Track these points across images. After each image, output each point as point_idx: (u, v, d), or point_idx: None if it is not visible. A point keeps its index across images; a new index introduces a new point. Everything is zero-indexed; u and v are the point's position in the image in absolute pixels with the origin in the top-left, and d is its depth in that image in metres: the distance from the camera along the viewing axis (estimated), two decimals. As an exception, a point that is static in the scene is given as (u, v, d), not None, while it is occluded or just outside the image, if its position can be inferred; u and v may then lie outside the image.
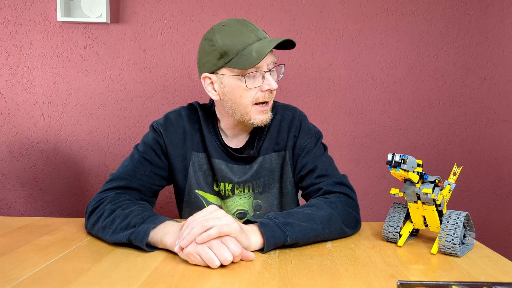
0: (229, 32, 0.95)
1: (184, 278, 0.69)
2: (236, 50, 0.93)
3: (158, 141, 1.06)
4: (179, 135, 1.07)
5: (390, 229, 0.88)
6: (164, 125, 1.07)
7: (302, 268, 0.74)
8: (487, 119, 1.86)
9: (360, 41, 1.83)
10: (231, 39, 0.94)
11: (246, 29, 0.95)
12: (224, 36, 0.94)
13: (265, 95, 0.98)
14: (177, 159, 1.07)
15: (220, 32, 0.95)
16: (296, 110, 1.12)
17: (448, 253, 0.81)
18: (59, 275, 0.70)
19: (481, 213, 1.90)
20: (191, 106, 1.12)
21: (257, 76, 0.96)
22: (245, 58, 0.92)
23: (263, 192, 1.09)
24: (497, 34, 1.82)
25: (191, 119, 1.09)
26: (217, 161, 1.07)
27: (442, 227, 0.82)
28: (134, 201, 0.94)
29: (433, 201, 0.82)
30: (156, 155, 1.06)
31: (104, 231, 0.87)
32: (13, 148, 1.89)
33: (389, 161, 0.78)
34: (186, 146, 1.08)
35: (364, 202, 1.90)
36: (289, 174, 1.09)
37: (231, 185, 1.08)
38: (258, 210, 1.10)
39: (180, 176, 1.08)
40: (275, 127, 1.08)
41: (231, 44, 0.93)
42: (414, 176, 0.79)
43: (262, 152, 1.08)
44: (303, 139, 1.08)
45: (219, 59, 0.95)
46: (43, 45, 1.84)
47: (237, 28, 0.95)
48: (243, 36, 0.94)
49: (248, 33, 0.95)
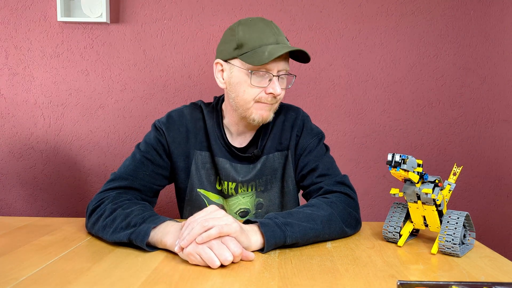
0: (252, 28, 0.98)
1: (184, 278, 0.69)
2: (252, 45, 0.96)
3: (160, 140, 1.07)
4: (182, 133, 1.08)
5: (390, 229, 0.88)
6: (167, 124, 1.08)
7: (302, 268, 0.74)
8: (487, 119, 1.86)
9: (360, 41, 1.83)
10: (251, 34, 0.97)
11: (268, 30, 0.98)
12: (246, 29, 0.98)
13: (268, 98, 0.99)
14: (179, 157, 1.07)
15: (244, 25, 0.99)
16: (299, 110, 1.13)
17: (448, 253, 0.81)
18: (59, 275, 0.70)
19: (481, 213, 1.90)
20: (194, 104, 1.12)
21: (265, 77, 0.98)
22: (257, 55, 0.95)
23: (265, 191, 1.10)
24: (497, 34, 1.82)
25: (194, 117, 1.09)
26: (221, 160, 1.07)
27: (442, 227, 0.82)
28: (135, 201, 0.94)
29: (433, 201, 0.82)
30: (158, 155, 1.06)
31: (104, 230, 0.87)
32: (13, 148, 1.89)
33: (389, 161, 0.79)
34: (189, 145, 1.08)
35: (364, 202, 1.90)
36: (291, 173, 1.09)
37: (234, 184, 1.08)
38: (260, 209, 1.10)
39: (182, 175, 1.08)
40: (278, 127, 1.09)
41: (249, 38, 0.97)
42: (414, 176, 0.79)
43: (266, 151, 1.08)
44: (306, 139, 1.09)
45: (235, 50, 0.98)
46: (43, 45, 1.84)
47: (260, 27, 0.98)
48: (263, 35, 0.97)
49: (269, 34, 0.97)
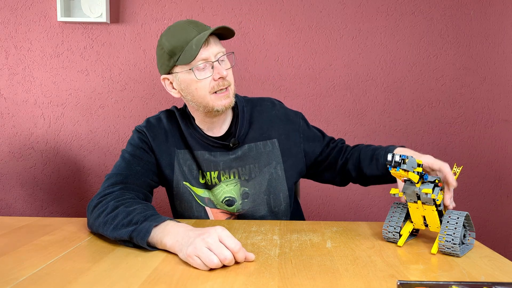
0: (173, 33, 1.01)
1: (184, 278, 0.69)
2: (180, 48, 0.99)
3: (143, 139, 1.11)
4: (161, 134, 1.12)
5: (390, 229, 0.88)
6: (147, 127, 1.13)
7: (302, 268, 0.74)
8: (487, 119, 1.86)
9: (360, 41, 1.83)
10: (174, 38, 1.00)
11: (188, 26, 1.01)
12: (169, 37, 1.01)
13: (219, 83, 1.02)
14: (162, 155, 1.11)
15: (166, 35, 1.02)
16: (273, 99, 1.19)
17: (448, 253, 0.81)
18: (59, 275, 0.70)
19: (481, 213, 1.90)
20: (168, 111, 1.18)
21: (207, 67, 1.01)
22: (188, 52, 0.98)
23: (249, 180, 1.11)
24: (497, 34, 1.82)
25: (170, 121, 1.14)
26: (200, 153, 1.10)
27: (442, 227, 0.81)
28: (138, 200, 0.95)
29: (433, 201, 0.82)
30: (144, 151, 1.10)
31: (105, 226, 0.87)
32: (13, 148, 1.89)
33: (389, 161, 0.78)
34: (169, 144, 1.12)
35: (364, 202, 1.90)
36: (279, 160, 1.12)
37: (216, 173, 1.10)
38: (246, 198, 1.12)
39: (167, 170, 1.12)
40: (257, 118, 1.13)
41: (175, 43, 1.00)
42: (414, 176, 0.79)
43: (248, 141, 1.11)
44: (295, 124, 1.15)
45: (169, 60, 1.02)
46: (43, 45, 1.84)
47: (180, 28, 1.01)
48: (185, 33, 1.00)
49: (190, 29, 1.00)
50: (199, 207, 1.12)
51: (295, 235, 0.94)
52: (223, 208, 1.12)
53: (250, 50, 1.84)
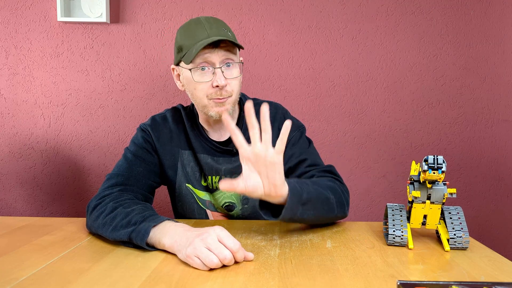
0: (186, 29, 1.01)
1: (184, 278, 0.69)
2: (187, 46, 0.99)
3: (147, 139, 1.10)
4: (166, 134, 1.11)
5: (398, 233, 0.85)
6: (151, 125, 1.12)
7: (302, 268, 0.74)
8: (487, 119, 1.86)
9: (360, 41, 1.83)
10: (186, 35, 1.01)
11: (199, 27, 1.00)
12: (182, 32, 1.02)
13: (216, 91, 0.99)
14: (165, 155, 1.10)
15: (181, 29, 1.03)
16: (278, 104, 1.17)
17: (460, 247, 0.84)
18: (59, 275, 0.70)
19: (481, 213, 1.90)
20: (174, 108, 1.16)
21: (208, 71, 0.99)
22: (190, 53, 0.98)
23: None
24: (497, 34, 1.82)
25: (176, 120, 1.13)
26: (203, 156, 1.10)
27: (448, 224, 0.84)
28: (136, 200, 0.95)
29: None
30: (147, 152, 1.09)
31: (104, 227, 0.87)
32: (13, 148, 1.89)
33: (431, 163, 0.77)
34: (173, 144, 1.11)
35: (364, 202, 1.90)
36: None
37: (218, 178, 1.10)
38: (246, 204, 1.11)
39: (170, 171, 1.11)
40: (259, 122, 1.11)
41: (185, 40, 1.00)
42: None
43: None
44: None
45: (178, 53, 1.03)
46: (43, 45, 1.84)
47: (192, 26, 1.01)
48: (196, 33, 0.99)
49: (201, 31, 0.99)
50: (200, 209, 1.12)
51: (295, 235, 0.94)
52: (224, 212, 1.12)
53: (250, 50, 1.84)
